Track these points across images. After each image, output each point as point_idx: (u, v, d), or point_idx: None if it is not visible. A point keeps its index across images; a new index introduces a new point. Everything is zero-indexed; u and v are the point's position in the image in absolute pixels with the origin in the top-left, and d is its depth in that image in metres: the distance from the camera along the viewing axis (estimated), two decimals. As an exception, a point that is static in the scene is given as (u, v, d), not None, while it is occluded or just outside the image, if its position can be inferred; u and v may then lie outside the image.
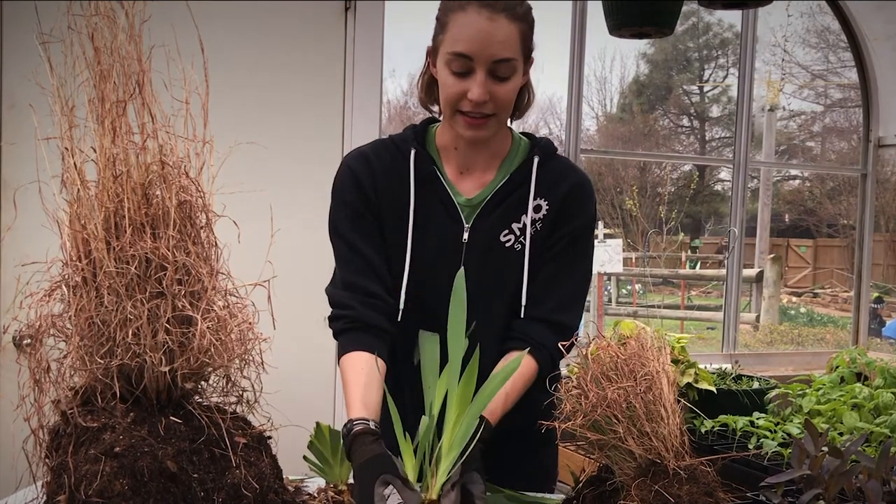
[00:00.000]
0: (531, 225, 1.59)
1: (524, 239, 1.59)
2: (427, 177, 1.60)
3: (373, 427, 1.37)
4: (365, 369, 1.47)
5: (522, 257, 1.59)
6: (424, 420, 1.35)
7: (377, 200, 1.60)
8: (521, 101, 1.61)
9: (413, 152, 1.60)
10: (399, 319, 1.58)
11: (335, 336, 1.59)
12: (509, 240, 1.59)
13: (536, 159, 1.61)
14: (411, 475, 1.30)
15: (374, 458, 1.29)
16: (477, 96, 1.46)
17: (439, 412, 1.37)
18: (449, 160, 1.63)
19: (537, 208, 1.60)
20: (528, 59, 1.54)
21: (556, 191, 1.61)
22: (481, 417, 1.38)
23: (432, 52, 1.55)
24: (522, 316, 1.59)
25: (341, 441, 1.42)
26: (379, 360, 1.48)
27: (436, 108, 1.63)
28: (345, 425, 1.40)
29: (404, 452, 1.33)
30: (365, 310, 1.55)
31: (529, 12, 1.51)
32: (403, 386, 1.62)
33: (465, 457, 1.30)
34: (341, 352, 1.54)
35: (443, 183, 1.60)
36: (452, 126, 1.55)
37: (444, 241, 1.59)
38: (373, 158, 1.62)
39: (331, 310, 1.60)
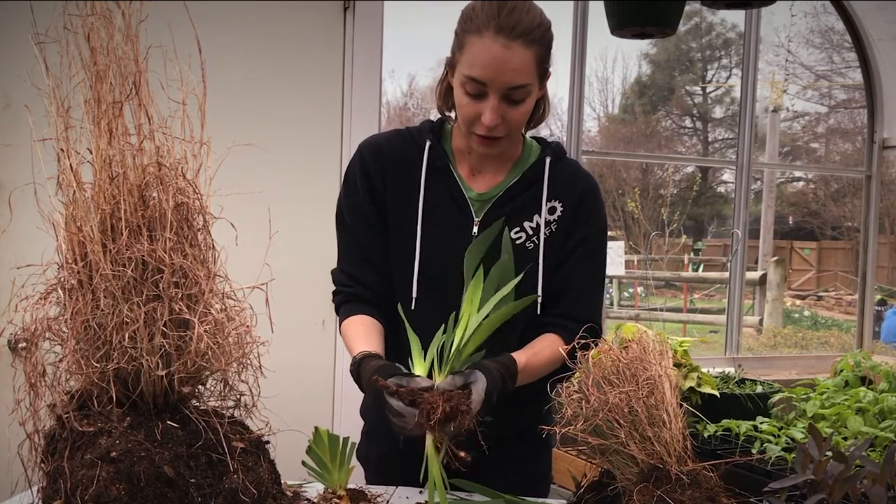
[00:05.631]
0: (546, 226, 1.62)
1: (537, 239, 1.62)
2: (439, 169, 1.63)
3: (376, 353, 1.48)
4: (364, 324, 1.58)
5: (536, 256, 1.61)
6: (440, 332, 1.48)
7: (384, 190, 1.64)
8: (537, 113, 1.63)
9: (428, 144, 1.64)
10: (413, 308, 1.61)
11: (336, 310, 1.68)
12: (520, 237, 1.61)
13: (548, 160, 1.64)
14: (422, 373, 1.41)
15: (379, 368, 1.40)
16: (489, 121, 1.50)
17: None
18: (462, 161, 1.66)
19: (552, 210, 1.63)
20: (543, 78, 1.56)
21: (569, 193, 1.64)
22: (510, 356, 1.49)
23: (450, 65, 1.58)
24: (549, 314, 1.63)
25: (357, 377, 1.48)
26: (376, 321, 1.58)
27: (452, 115, 1.65)
28: (351, 363, 1.49)
29: (413, 350, 1.45)
30: (359, 288, 1.64)
31: (546, 33, 1.51)
32: None
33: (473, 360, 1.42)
34: (341, 320, 1.64)
35: (454, 177, 1.63)
36: (467, 139, 1.59)
37: (454, 233, 1.61)
38: (385, 147, 1.66)
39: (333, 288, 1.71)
